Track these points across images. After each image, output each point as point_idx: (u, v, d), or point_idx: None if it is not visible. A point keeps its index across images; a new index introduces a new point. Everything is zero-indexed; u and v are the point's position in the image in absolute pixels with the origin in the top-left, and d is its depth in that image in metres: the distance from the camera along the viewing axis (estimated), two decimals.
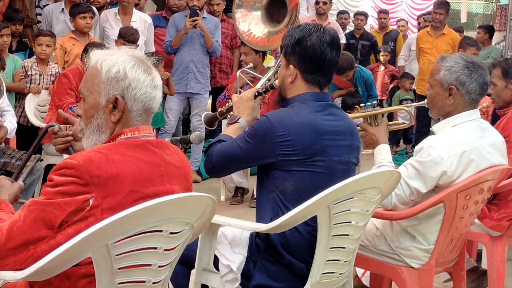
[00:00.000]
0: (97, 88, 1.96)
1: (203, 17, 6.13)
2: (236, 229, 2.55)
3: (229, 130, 2.65)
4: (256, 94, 2.72)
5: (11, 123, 4.56)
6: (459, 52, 6.61)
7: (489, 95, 3.75)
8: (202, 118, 2.96)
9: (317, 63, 2.46)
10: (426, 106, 2.98)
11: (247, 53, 5.51)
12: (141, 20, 6.35)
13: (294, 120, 2.39)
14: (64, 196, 1.79)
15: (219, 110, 2.92)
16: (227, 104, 2.89)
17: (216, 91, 6.99)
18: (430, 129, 3.05)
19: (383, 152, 2.91)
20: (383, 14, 10.05)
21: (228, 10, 7.29)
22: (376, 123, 3.01)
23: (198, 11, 5.94)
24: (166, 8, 6.78)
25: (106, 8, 6.72)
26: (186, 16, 5.99)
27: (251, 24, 4.47)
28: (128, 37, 5.61)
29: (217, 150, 2.51)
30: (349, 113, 2.98)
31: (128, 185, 1.85)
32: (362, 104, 3.05)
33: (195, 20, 5.87)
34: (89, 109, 1.99)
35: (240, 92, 5.03)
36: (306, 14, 8.31)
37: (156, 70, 2.07)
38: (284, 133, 2.36)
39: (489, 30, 9.33)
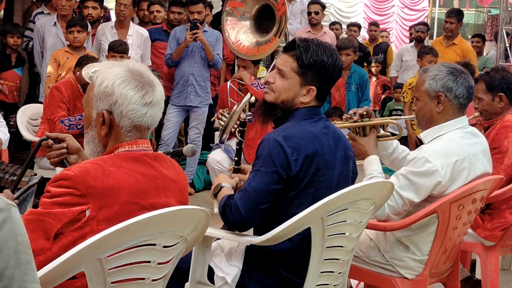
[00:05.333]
0: (91, 101, 1.99)
1: (204, 30, 6.12)
2: (233, 242, 2.54)
3: (221, 197, 2.52)
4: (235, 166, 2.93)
5: (4, 133, 4.54)
6: (417, 61, 6.73)
7: (475, 108, 3.76)
8: None
9: (332, 84, 2.55)
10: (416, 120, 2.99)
11: (247, 66, 5.31)
12: (137, 34, 6.35)
13: (301, 137, 2.40)
14: (61, 207, 1.80)
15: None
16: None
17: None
18: (418, 136, 3.04)
19: (373, 163, 2.91)
20: (373, 26, 10.11)
21: (217, 23, 7.27)
22: (364, 134, 3.00)
23: (198, 24, 5.94)
24: (167, 22, 6.78)
25: (100, 23, 6.72)
26: (187, 29, 6.00)
27: (240, 33, 4.47)
28: (117, 48, 5.59)
29: (240, 201, 2.37)
30: (336, 122, 2.97)
31: (124, 196, 1.86)
32: (352, 113, 3.02)
33: (196, 33, 5.88)
34: (85, 120, 2.04)
35: (231, 102, 5.02)
36: (299, 27, 8.29)
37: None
38: (294, 153, 2.36)
39: (484, 40, 9.48)
